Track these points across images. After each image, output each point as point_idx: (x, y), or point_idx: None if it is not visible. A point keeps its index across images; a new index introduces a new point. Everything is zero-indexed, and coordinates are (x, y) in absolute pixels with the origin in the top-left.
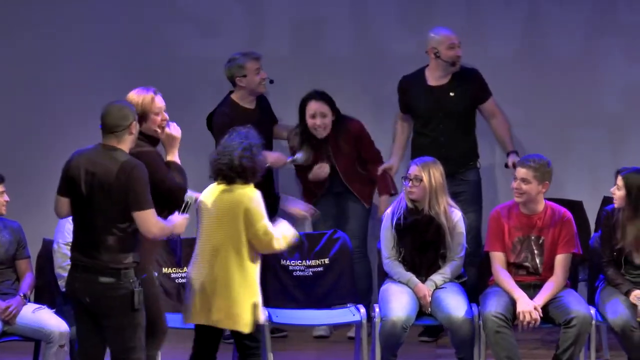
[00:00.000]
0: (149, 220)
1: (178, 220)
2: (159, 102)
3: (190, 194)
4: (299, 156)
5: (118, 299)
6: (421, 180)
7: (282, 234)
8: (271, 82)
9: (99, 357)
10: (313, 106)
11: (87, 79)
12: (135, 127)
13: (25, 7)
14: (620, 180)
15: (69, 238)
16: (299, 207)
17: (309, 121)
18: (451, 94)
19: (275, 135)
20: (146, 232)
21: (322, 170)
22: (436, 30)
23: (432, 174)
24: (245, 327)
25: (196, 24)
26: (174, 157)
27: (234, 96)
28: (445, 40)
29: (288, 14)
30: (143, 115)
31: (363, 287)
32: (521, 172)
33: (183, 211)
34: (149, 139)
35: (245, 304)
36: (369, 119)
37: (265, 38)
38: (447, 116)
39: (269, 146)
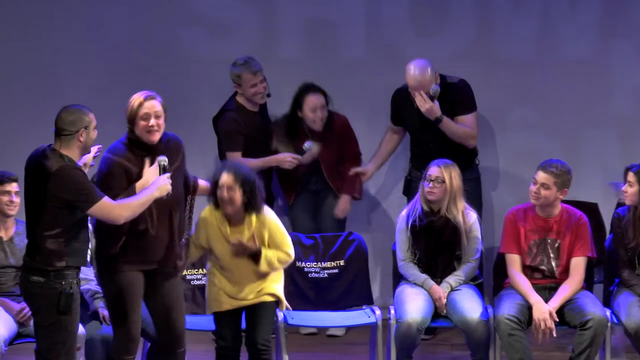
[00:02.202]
0: (108, 209)
1: (160, 181)
2: (148, 107)
3: (162, 157)
4: (309, 144)
5: (45, 298)
6: (443, 181)
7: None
8: (268, 95)
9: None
10: (314, 100)
11: (100, 81)
12: (85, 136)
13: (42, 11)
14: (632, 177)
15: None
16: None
17: (309, 115)
18: None
19: None
20: (114, 220)
21: (315, 150)
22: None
23: (452, 175)
24: None
25: (209, 26)
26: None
27: (239, 98)
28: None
29: (301, 16)
30: (131, 120)
31: None
32: (542, 176)
33: (161, 172)
34: (137, 144)
35: None
36: (381, 122)
37: (277, 40)
38: (430, 132)
39: (269, 149)
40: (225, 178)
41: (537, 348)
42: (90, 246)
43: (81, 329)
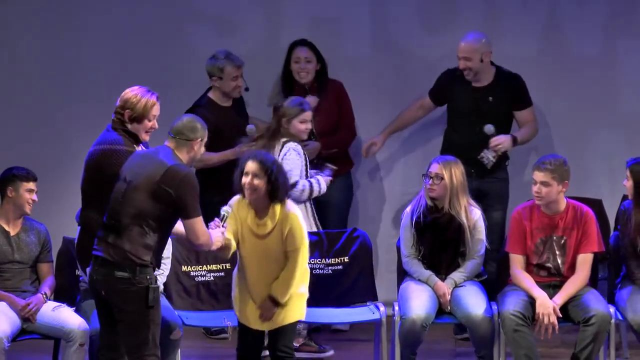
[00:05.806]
0: (197, 229)
1: (216, 235)
2: (157, 110)
3: (226, 208)
4: (251, 127)
5: (132, 293)
6: (442, 178)
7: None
8: (246, 89)
9: (119, 350)
10: (297, 52)
11: (109, 80)
12: (197, 147)
13: (48, 9)
14: (627, 171)
15: None
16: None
17: (294, 66)
18: (490, 98)
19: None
20: (193, 239)
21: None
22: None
23: (453, 172)
24: None
25: (214, 23)
26: None
27: (211, 94)
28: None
29: (306, 13)
30: (140, 117)
31: None
32: (539, 175)
33: (223, 223)
34: (133, 137)
35: None
36: (387, 118)
37: (282, 37)
38: (483, 118)
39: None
40: (251, 165)
41: (542, 344)
42: None
43: (86, 325)
